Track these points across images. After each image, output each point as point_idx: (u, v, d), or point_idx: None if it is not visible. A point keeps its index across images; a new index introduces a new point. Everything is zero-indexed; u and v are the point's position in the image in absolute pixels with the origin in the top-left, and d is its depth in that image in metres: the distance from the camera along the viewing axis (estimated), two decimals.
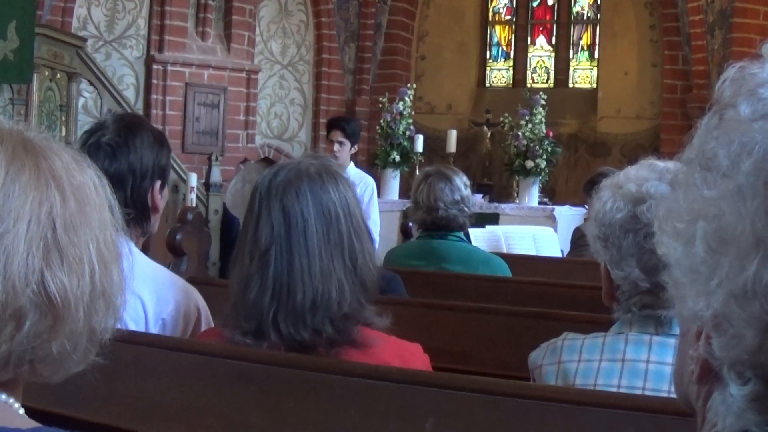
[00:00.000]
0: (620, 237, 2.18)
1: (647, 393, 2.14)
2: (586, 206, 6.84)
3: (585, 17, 13.10)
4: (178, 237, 5.32)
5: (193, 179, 8.85)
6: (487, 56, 13.39)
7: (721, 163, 0.86)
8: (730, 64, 0.93)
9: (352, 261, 2.21)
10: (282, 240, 2.18)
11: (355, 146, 7.50)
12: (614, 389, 2.18)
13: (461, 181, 4.41)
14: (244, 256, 2.24)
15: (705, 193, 0.86)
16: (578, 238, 6.42)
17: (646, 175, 2.21)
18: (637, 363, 2.20)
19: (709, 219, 0.85)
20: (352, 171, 6.91)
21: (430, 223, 4.40)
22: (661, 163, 2.25)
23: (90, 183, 1.16)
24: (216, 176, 9.57)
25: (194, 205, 8.43)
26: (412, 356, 2.29)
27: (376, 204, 7.23)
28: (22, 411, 1.12)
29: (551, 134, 10.59)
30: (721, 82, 0.92)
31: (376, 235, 6.02)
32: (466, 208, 4.40)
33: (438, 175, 4.40)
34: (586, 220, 6.55)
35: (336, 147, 7.22)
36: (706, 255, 0.85)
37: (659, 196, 2.13)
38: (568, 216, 9.54)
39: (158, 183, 2.72)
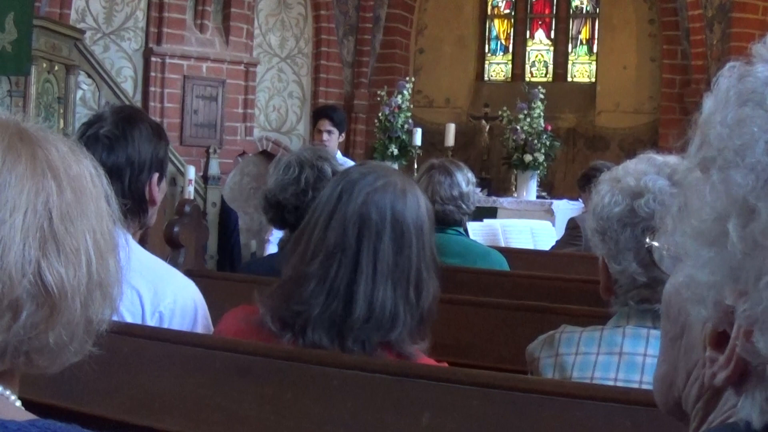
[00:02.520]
0: (618, 231, 2.18)
1: (644, 386, 2.14)
2: (580, 200, 6.83)
3: (584, 11, 13.08)
4: (176, 229, 5.32)
5: (191, 172, 8.83)
6: (486, 50, 13.37)
7: (753, 155, 0.84)
8: (728, 60, 0.92)
9: (416, 292, 2.14)
10: (351, 247, 2.10)
11: (342, 135, 7.48)
12: (611, 382, 2.19)
13: (463, 178, 4.35)
14: (308, 248, 2.15)
15: (734, 189, 0.84)
16: (572, 228, 6.41)
17: (645, 169, 2.21)
18: (634, 356, 2.20)
19: (744, 215, 0.83)
20: (340, 160, 6.91)
21: None
22: (659, 157, 2.25)
23: (86, 173, 1.16)
24: (214, 169, 9.55)
25: (192, 197, 8.41)
26: None
27: None
28: (18, 403, 1.11)
29: (549, 128, 10.59)
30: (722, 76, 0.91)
31: None
32: (463, 205, 4.34)
33: (441, 168, 4.37)
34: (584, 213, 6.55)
35: (325, 136, 7.19)
36: (751, 252, 0.82)
37: (657, 190, 2.13)
38: (566, 210, 9.53)
39: (156, 175, 2.71)
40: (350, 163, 7.18)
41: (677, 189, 0.94)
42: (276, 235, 6.26)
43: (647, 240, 2.10)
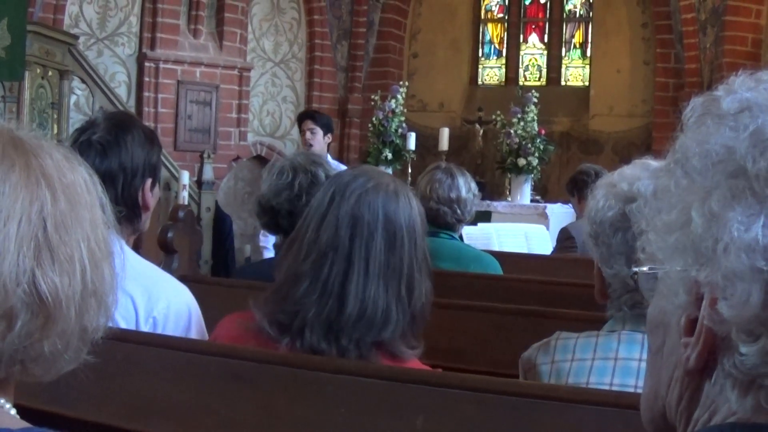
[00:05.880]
0: (610, 235, 2.19)
1: (639, 391, 2.13)
2: (569, 204, 6.79)
3: (577, 15, 13.11)
4: (170, 235, 5.30)
5: (185, 177, 8.83)
6: (480, 54, 13.38)
7: (715, 152, 0.91)
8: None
9: (408, 291, 2.15)
10: (343, 247, 2.12)
11: (328, 136, 7.53)
12: (607, 387, 2.19)
13: (465, 184, 4.36)
14: (300, 249, 2.17)
15: (697, 178, 0.91)
16: (565, 239, 6.36)
17: (639, 174, 2.22)
18: (629, 361, 2.21)
19: (703, 197, 0.90)
20: (332, 164, 6.93)
21: None
22: (654, 163, 2.26)
23: (81, 181, 1.16)
24: (208, 174, 9.55)
25: (186, 203, 8.41)
26: None
27: None
28: (13, 411, 1.11)
29: (543, 132, 10.59)
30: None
31: None
32: (458, 210, 4.34)
33: (445, 170, 4.39)
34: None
35: (308, 135, 7.30)
36: (709, 222, 0.88)
37: (649, 195, 2.14)
38: (560, 214, 9.54)
39: (149, 181, 2.72)
40: (338, 166, 7.21)
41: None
42: (270, 240, 6.26)
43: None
